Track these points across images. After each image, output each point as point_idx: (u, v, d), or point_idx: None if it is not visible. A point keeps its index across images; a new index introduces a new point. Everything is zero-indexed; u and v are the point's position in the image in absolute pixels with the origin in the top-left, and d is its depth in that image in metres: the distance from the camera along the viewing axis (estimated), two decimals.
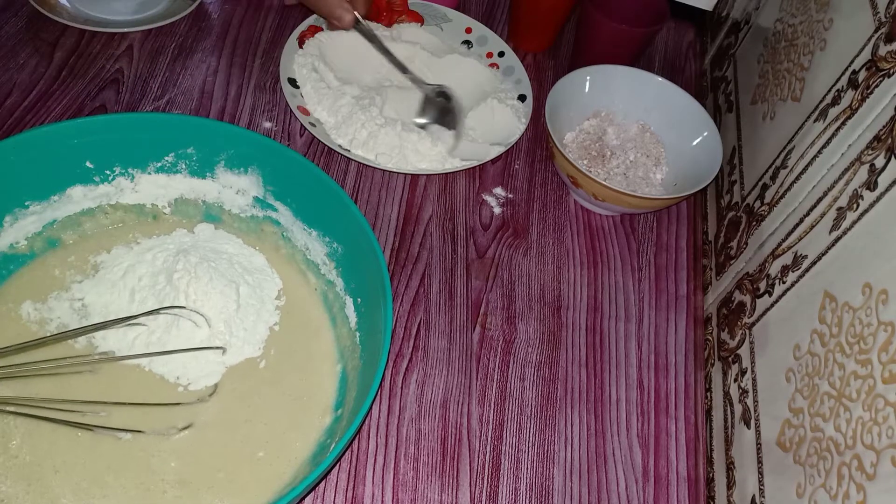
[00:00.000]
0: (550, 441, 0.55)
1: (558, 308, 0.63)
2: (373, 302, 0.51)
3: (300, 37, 0.74)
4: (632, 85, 0.73)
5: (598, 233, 0.69)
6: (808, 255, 0.50)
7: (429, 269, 0.63)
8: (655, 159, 0.71)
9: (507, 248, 0.66)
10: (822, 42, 0.57)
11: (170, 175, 0.58)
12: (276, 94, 0.73)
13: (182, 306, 0.51)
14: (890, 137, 0.44)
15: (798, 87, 0.59)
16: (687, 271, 0.67)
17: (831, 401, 0.43)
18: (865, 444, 0.39)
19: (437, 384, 0.57)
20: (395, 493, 0.51)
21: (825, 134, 0.52)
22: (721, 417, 0.57)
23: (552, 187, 0.71)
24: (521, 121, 0.72)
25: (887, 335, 0.39)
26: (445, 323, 0.60)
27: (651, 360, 0.61)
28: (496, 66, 0.78)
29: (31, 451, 0.47)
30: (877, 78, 0.47)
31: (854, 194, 0.46)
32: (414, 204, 0.67)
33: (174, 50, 0.74)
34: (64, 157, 0.54)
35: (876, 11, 0.50)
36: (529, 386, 0.58)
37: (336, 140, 0.67)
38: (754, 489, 0.49)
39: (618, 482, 0.54)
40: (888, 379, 0.38)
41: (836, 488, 0.40)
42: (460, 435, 0.54)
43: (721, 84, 0.79)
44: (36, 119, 0.66)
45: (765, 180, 0.60)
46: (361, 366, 0.50)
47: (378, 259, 0.50)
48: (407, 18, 0.80)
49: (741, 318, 0.58)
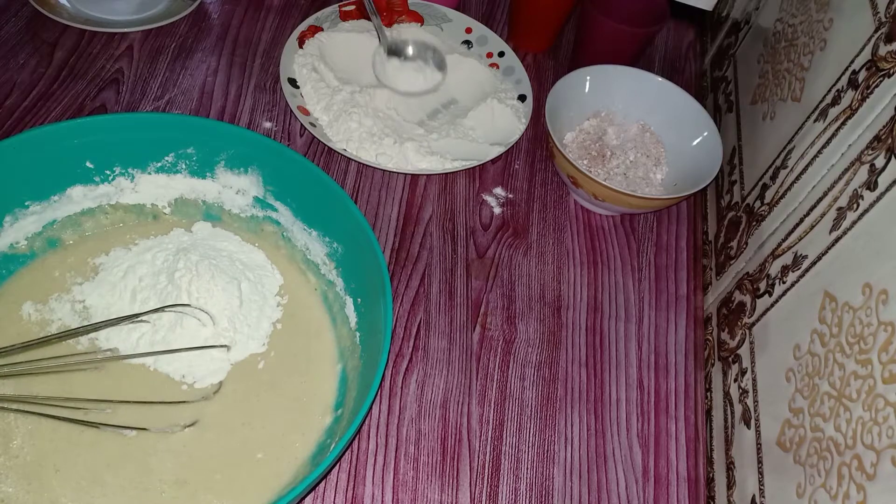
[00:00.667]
0: (550, 441, 0.55)
1: (558, 308, 0.63)
2: (373, 302, 0.51)
3: (300, 37, 0.74)
4: (632, 85, 0.73)
5: (598, 233, 0.69)
6: (808, 255, 0.50)
7: (429, 269, 0.63)
8: (655, 159, 0.71)
9: (507, 248, 0.66)
10: (822, 42, 0.57)
11: (170, 175, 0.58)
12: (276, 94, 0.73)
13: (186, 304, 0.51)
14: (890, 137, 0.44)
15: (798, 87, 0.59)
16: (687, 271, 0.67)
17: (831, 401, 0.43)
18: (865, 444, 0.39)
19: (437, 384, 0.57)
20: (395, 493, 0.51)
21: (825, 134, 0.52)
22: (721, 417, 0.57)
23: (552, 187, 0.71)
24: (521, 121, 0.72)
25: (887, 335, 0.39)
26: (445, 323, 0.60)
27: (651, 360, 0.61)
28: (496, 66, 0.78)
29: (32, 450, 0.47)
30: (877, 78, 0.47)
31: (854, 194, 0.46)
32: (414, 204, 0.67)
33: (174, 50, 0.74)
34: (64, 157, 0.54)
35: (876, 11, 0.50)
36: (529, 386, 0.58)
37: (332, 138, 0.67)
38: (754, 489, 0.49)
39: (618, 482, 0.54)
40: (888, 379, 0.38)
41: (837, 488, 0.40)
42: (460, 435, 0.54)
43: (721, 84, 0.79)
44: (36, 119, 0.66)
45: (765, 180, 0.60)
46: (361, 366, 0.50)
47: (378, 259, 0.50)
48: (407, 18, 0.80)
49: (741, 318, 0.58)
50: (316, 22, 0.76)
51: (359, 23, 0.78)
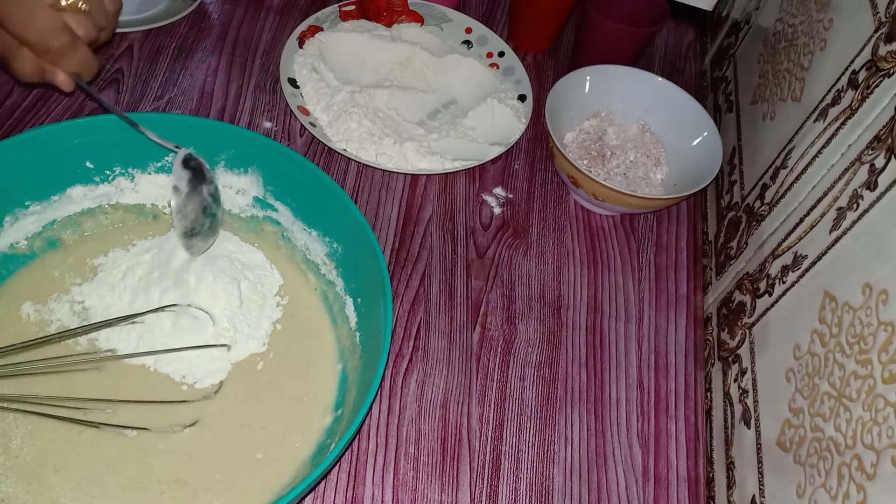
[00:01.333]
0: (550, 441, 0.55)
1: (558, 308, 0.63)
2: (373, 302, 0.51)
3: (300, 37, 0.74)
4: (632, 85, 0.73)
5: (598, 233, 0.69)
6: (808, 255, 0.50)
7: (429, 269, 0.63)
8: (655, 159, 0.71)
9: (507, 248, 0.66)
10: (822, 42, 0.57)
11: (170, 175, 0.58)
12: (276, 94, 0.73)
13: (186, 304, 0.51)
14: (890, 137, 0.44)
15: (798, 87, 0.59)
16: (687, 271, 0.67)
17: (831, 401, 0.43)
18: (865, 444, 0.39)
19: (437, 384, 0.57)
20: (395, 493, 0.51)
21: (825, 134, 0.52)
22: (721, 417, 0.57)
23: (552, 187, 0.71)
24: (521, 121, 0.72)
25: (887, 335, 0.39)
26: (445, 323, 0.60)
27: (651, 360, 0.61)
28: (496, 66, 0.78)
29: (31, 450, 0.47)
30: (877, 78, 0.47)
31: (854, 194, 0.46)
32: (414, 204, 0.67)
33: (174, 50, 0.75)
34: (64, 157, 0.54)
35: (876, 11, 0.50)
36: (529, 386, 0.58)
37: (332, 138, 0.67)
38: (754, 489, 0.49)
39: (618, 482, 0.54)
40: (888, 379, 0.38)
41: (836, 488, 0.40)
42: (460, 435, 0.54)
43: (721, 84, 0.79)
44: (36, 119, 0.66)
45: (765, 180, 0.60)
46: (361, 366, 0.50)
47: (378, 259, 0.50)
48: (407, 18, 0.80)
49: (741, 318, 0.58)
50: (316, 22, 0.76)
51: (359, 23, 0.78)
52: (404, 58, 0.76)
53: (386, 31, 0.78)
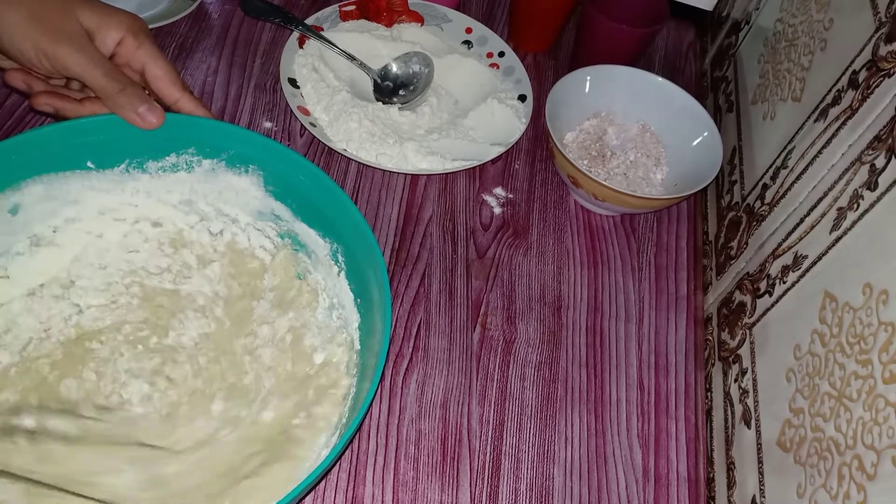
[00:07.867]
0: (550, 441, 0.55)
1: (558, 308, 0.63)
2: (373, 302, 0.51)
3: (300, 37, 0.74)
4: (632, 85, 0.72)
5: (598, 233, 0.69)
6: (808, 255, 0.50)
7: (429, 270, 0.63)
8: (655, 159, 0.71)
9: (508, 248, 0.66)
10: (822, 42, 0.57)
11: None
12: (276, 94, 0.73)
13: None
14: (890, 137, 0.44)
15: (798, 87, 0.59)
16: (687, 271, 0.67)
17: (832, 401, 0.43)
18: (866, 445, 0.39)
19: (437, 384, 0.57)
20: (395, 493, 0.51)
21: (825, 134, 0.52)
22: (721, 417, 0.57)
23: (552, 187, 0.71)
24: (521, 121, 0.72)
25: (888, 335, 0.39)
26: (445, 323, 0.60)
27: (651, 360, 0.61)
28: (496, 66, 0.78)
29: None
30: (877, 78, 0.47)
31: (854, 194, 0.46)
32: (414, 204, 0.67)
33: (174, 50, 0.74)
34: (64, 157, 0.54)
35: (876, 11, 0.50)
36: (529, 386, 0.58)
37: (332, 138, 0.67)
38: (755, 489, 0.49)
39: (618, 482, 0.54)
40: (888, 379, 0.38)
41: (837, 488, 0.40)
42: (460, 435, 0.54)
43: (721, 84, 0.79)
44: (36, 119, 0.66)
45: (765, 180, 0.60)
46: (361, 366, 0.50)
47: (378, 259, 0.50)
48: (407, 18, 0.80)
49: (741, 319, 0.58)
50: (316, 22, 0.76)
51: (359, 23, 0.78)
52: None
53: (386, 31, 0.78)
